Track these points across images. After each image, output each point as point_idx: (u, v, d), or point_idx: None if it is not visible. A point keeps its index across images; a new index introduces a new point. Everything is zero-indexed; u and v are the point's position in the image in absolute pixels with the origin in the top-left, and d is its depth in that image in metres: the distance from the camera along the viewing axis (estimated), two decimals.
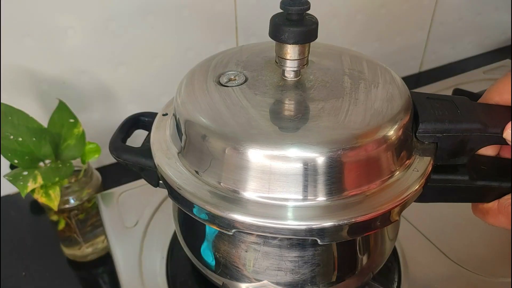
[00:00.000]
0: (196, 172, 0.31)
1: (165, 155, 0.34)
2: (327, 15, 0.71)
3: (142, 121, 0.41)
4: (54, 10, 0.53)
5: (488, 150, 0.35)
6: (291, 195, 0.29)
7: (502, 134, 0.32)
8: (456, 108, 0.33)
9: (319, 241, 0.29)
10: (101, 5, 0.55)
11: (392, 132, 0.31)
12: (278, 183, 0.29)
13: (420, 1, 0.78)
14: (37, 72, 0.57)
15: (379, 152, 0.30)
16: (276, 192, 0.29)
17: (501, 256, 0.48)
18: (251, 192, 0.29)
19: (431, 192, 0.34)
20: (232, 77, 0.34)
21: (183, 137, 0.32)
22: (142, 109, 0.43)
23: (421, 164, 0.33)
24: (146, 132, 0.38)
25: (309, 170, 0.28)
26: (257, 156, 0.29)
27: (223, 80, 0.34)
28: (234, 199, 0.30)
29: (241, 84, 0.33)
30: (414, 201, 0.33)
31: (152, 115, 0.39)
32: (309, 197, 0.29)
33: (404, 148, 0.32)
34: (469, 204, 0.37)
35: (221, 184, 0.30)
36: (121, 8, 0.56)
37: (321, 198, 0.29)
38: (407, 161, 0.33)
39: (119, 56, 0.60)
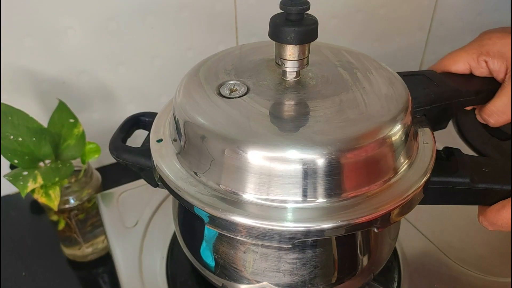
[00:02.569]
0: (195, 173, 0.31)
1: (164, 156, 0.33)
2: (327, 15, 0.70)
3: (142, 121, 0.41)
4: (54, 10, 0.53)
5: (459, 70, 0.40)
6: (291, 197, 0.29)
7: (475, 96, 0.38)
8: (431, 81, 0.38)
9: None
10: (101, 5, 0.55)
11: (407, 115, 0.32)
12: (277, 185, 0.29)
13: (420, 1, 0.78)
14: (37, 72, 0.57)
15: (391, 142, 0.31)
16: (275, 194, 0.29)
17: (501, 256, 0.48)
18: (250, 194, 0.29)
19: (432, 194, 0.34)
20: (232, 87, 0.33)
21: (182, 138, 0.32)
22: (142, 109, 0.43)
23: (426, 136, 0.35)
24: (146, 132, 0.38)
25: (308, 171, 0.28)
26: (256, 157, 0.29)
27: (225, 92, 0.33)
28: (233, 201, 0.30)
29: (248, 93, 0.33)
30: None
31: (152, 115, 0.39)
32: (309, 199, 0.29)
33: (412, 129, 0.33)
34: (469, 205, 0.37)
35: (221, 186, 0.30)
36: (121, 8, 0.56)
37: (321, 200, 0.29)
38: (413, 152, 0.33)
39: (119, 56, 0.60)
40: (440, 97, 0.36)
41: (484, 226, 0.35)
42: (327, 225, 0.28)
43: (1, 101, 0.48)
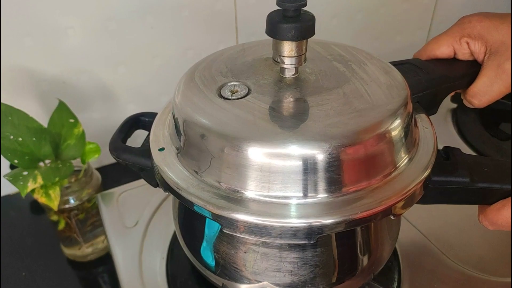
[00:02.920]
0: (196, 172, 0.31)
1: (164, 156, 0.33)
2: (327, 14, 0.70)
3: (142, 121, 0.41)
4: (54, 10, 0.53)
5: (444, 53, 0.41)
6: (292, 193, 0.29)
7: (461, 80, 0.40)
8: (420, 68, 0.39)
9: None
10: (101, 5, 0.55)
11: (409, 101, 0.33)
12: (278, 181, 0.29)
13: (420, 1, 0.78)
14: (37, 72, 0.57)
15: (395, 129, 0.31)
16: (276, 191, 0.29)
17: (501, 256, 0.48)
18: (251, 191, 0.29)
19: (432, 193, 0.34)
20: (233, 88, 0.33)
21: (182, 138, 0.32)
22: (142, 109, 0.43)
23: (424, 122, 0.36)
24: (146, 132, 0.38)
25: (309, 167, 0.28)
26: (256, 154, 0.29)
27: (227, 93, 0.33)
28: (234, 198, 0.29)
29: (250, 93, 0.32)
30: (416, 203, 0.33)
31: (152, 115, 0.39)
32: (310, 195, 0.29)
33: (413, 116, 0.34)
34: (469, 205, 0.37)
35: (221, 184, 0.30)
36: (121, 8, 0.56)
37: (323, 195, 0.29)
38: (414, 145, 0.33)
39: (119, 56, 0.60)
40: (430, 83, 0.38)
41: (484, 225, 0.35)
42: (329, 221, 0.28)
43: (1, 101, 0.48)
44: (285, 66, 0.33)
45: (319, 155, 0.28)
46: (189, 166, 0.32)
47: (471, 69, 0.41)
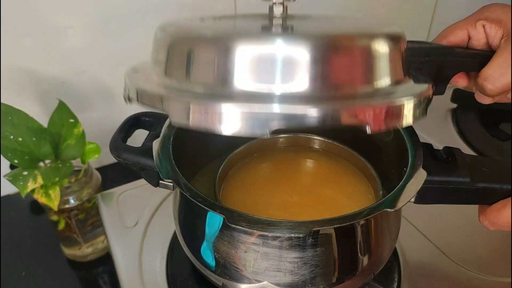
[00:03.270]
0: (179, 80, 0.31)
1: (142, 78, 0.33)
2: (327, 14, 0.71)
3: (143, 120, 0.41)
4: (54, 10, 0.53)
5: (458, 36, 0.39)
6: (278, 85, 0.28)
7: (471, 58, 0.38)
8: (430, 44, 0.37)
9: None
10: (101, 5, 0.55)
11: (402, 37, 0.32)
12: (261, 75, 0.28)
13: (420, 1, 0.78)
14: (37, 72, 0.57)
15: (375, 51, 0.30)
16: (263, 83, 0.28)
17: (501, 256, 0.48)
18: (240, 84, 0.28)
19: (432, 193, 0.33)
20: (217, 18, 0.34)
21: (164, 52, 0.32)
22: (142, 108, 0.43)
23: (422, 86, 0.33)
24: (147, 132, 0.38)
25: (288, 62, 0.28)
26: (243, 50, 0.28)
27: (209, 20, 0.33)
28: (222, 94, 0.28)
29: (234, 20, 0.33)
30: (416, 203, 0.33)
31: (152, 115, 0.39)
32: (293, 88, 0.28)
33: (407, 61, 0.33)
34: (469, 205, 0.37)
35: (205, 85, 0.29)
36: (121, 8, 0.56)
37: (309, 89, 0.28)
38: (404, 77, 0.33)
39: (119, 56, 0.60)
40: (434, 52, 0.36)
41: (484, 225, 0.35)
42: (316, 110, 0.27)
43: (1, 101, 0.48)
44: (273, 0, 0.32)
45: (301, 52, 0.28)
46: (170, 78, 0.31)
47: (483, 52, 0.38)
